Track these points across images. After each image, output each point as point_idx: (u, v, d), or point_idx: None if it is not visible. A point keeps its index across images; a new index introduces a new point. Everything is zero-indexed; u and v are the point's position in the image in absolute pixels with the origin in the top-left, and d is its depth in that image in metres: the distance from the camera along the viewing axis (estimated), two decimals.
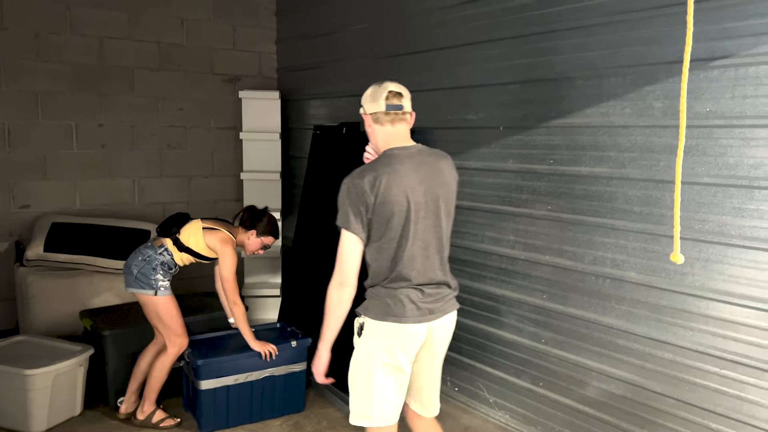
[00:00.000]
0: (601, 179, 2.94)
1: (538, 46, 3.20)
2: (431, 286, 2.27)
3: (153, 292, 3.25)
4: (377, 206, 2.16)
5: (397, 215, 2.18)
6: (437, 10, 3.81)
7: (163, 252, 3.31)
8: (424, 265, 2.24)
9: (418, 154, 2.28)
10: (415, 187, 2.20)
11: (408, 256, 2.20)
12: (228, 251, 3.31)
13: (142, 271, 3.25)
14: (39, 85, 4.60)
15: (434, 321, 2.28)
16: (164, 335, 3.34)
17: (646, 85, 2.74)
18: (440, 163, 2.32)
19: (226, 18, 5.37)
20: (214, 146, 5.44)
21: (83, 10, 4.72)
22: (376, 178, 2.16)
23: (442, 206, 2.28)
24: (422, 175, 2.23)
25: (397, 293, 2.21)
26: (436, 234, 2.27)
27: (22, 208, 4.62)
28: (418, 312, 2.23)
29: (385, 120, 2.29)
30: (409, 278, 2.22)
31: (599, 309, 2.99)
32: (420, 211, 2.21)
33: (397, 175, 2.18)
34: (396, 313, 2.20)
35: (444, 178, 2.30)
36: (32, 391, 3.24)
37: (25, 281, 4.15)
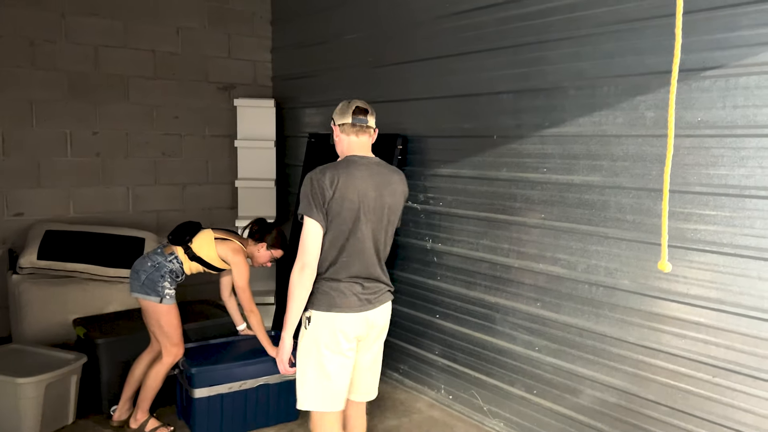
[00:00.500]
0: (594, 188, 2.96)
1: (531, 56, 3.23)
2: (370, 280, 2.52)
3: (158, 300, 3.24)
4: (334, 200, 2.41)
5: (349, 212, 2.43)
6: (431, 20, 3.84)
7: (173, 260, 3.31)
8: (366, 261, 2.49)
9: (375, 165, 2.55)
10: (367, 192, 2.46)
11: (353, 250, 2.46)
12: (241, 261, 3.33)
13: (150, 278, 3.24)
14: (33, 93, 4.60)
15: (372, 311, 2.52)
16: (161, 343, 3.33)
17: (638, 95, 2.76)
18: (392, 177, 2.58)
19: (221, 27, 5.39)
20: (208, 154, 5.44)
21: (79, 19, 4.73)
22: (335, 176, 2.43)
23: (387, 214, 2.53)
24: (375, 183, 2.49)
25: (341, 286, 2.46)
26: (378, 236, 2.52)
27: (16, 216, 4.61)
28: (359, 303, 2.48)
29: (350, 131, 2.56)
30: (351, 271, 2.47)
31: (592, 317, 3.00)
32: (368, 213, 2.46)
33: (353, 177, 2.44)
34: (340, 304, 2.45)
35: (393, 190, 2.56)
36: (24, 399, 3.22)
37: (18, 289, 4.13)
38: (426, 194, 3.89)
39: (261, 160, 5.23)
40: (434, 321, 3.91)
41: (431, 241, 3.89)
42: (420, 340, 4.02)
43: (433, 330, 3.92)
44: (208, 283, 5.46)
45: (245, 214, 5.18)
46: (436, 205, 3.84)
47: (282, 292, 4.83)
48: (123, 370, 3.53)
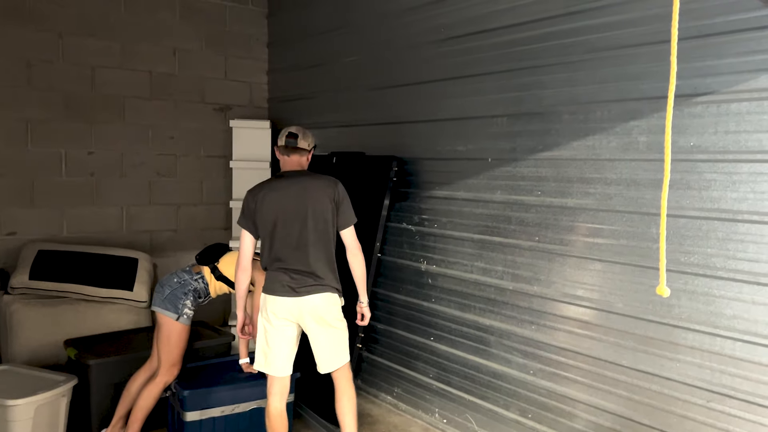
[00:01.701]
0: (588, 211, 2.98)
1: (526, 81, 3.27)
2: (297, 274, 2.96)
3: (176, 317, 3.27)
4: (257, 211, 3.01)
5: (270, 218, 2.98)
6: (427, 44, 3.89)
7: (199, 279, 3.37)
8: (293, 257, 2.97)
9: (298, 176, 3.08)
10: (287, 200, 2.99)
11: (278, 248, 2.99)
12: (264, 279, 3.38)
13: (173, 293, 3.28)
14: (29, 113, 4.61)
15: (299, 298, 2.96)
16: (161, 361, 3.31)
17: (631, 120, 2.79)
18: (316, 184, 3.05)
19: (218, 48, 5.43)
20: (203, 174, 5.45)
21: (76, 40, 4.75)
22: (260, 191, 3.04)
23: (311, 216, 2.98)
24: (296, 191, 3.01)
25: (275, 275, 2.99)
26: (302, 237, 2.97)
27: (9, 235, 4.58)
28: (284, 290, 2.96)
29: (283, 151, 3.15)
30: (283, 265, 2.98)
31: (587, 340, 3.00)
32: (288, 218, 2.97)
33: (274, 189, 3.03)
34: (271, 290, 2.99)
35: (317, 196, 3.02)
36: (14, 422, 3.17)
37: (9, 309, 4.10)
38: (421, 216, 3.90)
39: (256, 180, 5.17)
40: (428, 343, 3.89)
41: (426, 263, 3.89)
42: (414, 363, 4.00)
43: (428, 353, 3.90)
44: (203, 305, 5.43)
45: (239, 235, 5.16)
46: (431, 227, 3.85)
47: None
48: (114, 392, 3.49)
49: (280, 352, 3.02)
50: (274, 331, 3.01)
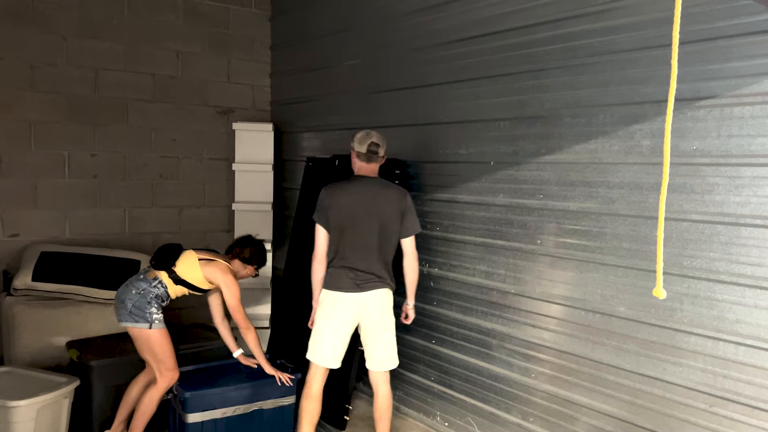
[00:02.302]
0: (591, 215, 2.98)
1: (528, 84, 3.27)
2: (360, 272, 3.14)
3: (148, 326, 3.23)
4: (329, 209, 3.16)
5: (340, 219, 3.15)
6: (429, 48, 3.89)
7: (158, 284, 3.29)
8: (357, 257, 3.15)
9: (372, 182, 3.24)
10: (358, 203, 3.16)
11: (346, 248, 3.16)
12: (231, 281, 3.36)
13: (136, 305, 3.22)
14: (33, 115, 4.62)
15: (362, 293, 3.15)
16: (156, 369, 3.30)
17: (634, 124, 2.79)
18: (387, 192, 3.23)
19: (221, 51, 5.44)
20: (206, 177, 5.45)
21: (80, 42, 4.77)
22: (335, 190, 3.20)
23: (377, 222, 3.16)
24: (367, 196, 3.18)
25: (339, 271, 3.16)
26: (368, 239, 3.15)
27: (11, 237, 4.59)
28: (348, 285, 3.14)
29: (363, 158, 3.25)
30: (348, 263, 3.14)
31: (589, 344, 2.99)
32: (357, 220, 3.14)
33: (348, 192, 3.20)
34: (336, 285, 3.16)
35: (386, 203, 3.20)
36: (15, 423, 3.17)
37: (12, 311, 4.10)
38: (423, 219, 3.90)
39: (258, 183, 5.25)
40: (430, 346, 3.89)
41: (428, 266, 3.89)
42: (416, 365, 3.99)
43: (429, 356, 3.90)
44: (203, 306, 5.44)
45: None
46: (433, 230, 3.85)
47: (277, 315, 4.81)
48: (116, 394, 3.50)
49: (331, 344, 3.19)
50: (331, 324, 3.18)
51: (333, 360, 3.21)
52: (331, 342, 3.19)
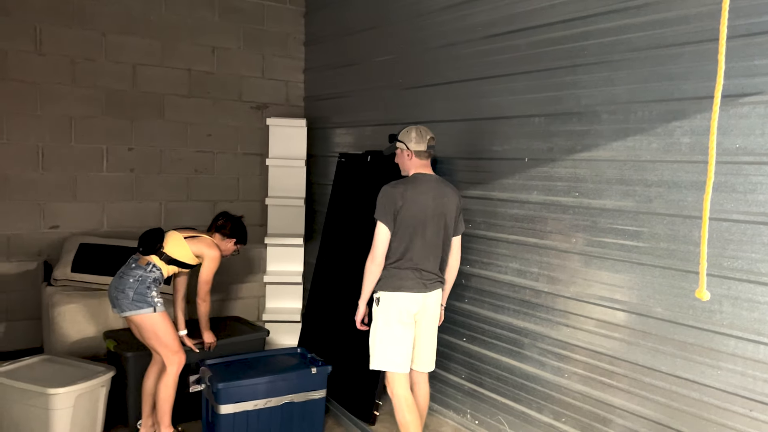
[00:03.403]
0: (627, 213, 2.93)
1: (564, 80, 3.22)
2: (426, 272, 3.10)
3: (152, 309, 3.29)
4: (402, 209, 3.03)
5: (413, 218, 3.04)
6: (462, 44, 3.86)
7: (153, 269, 3.37)
8: (424, 256, 3.09)
9: (433, 180, 3.18)
10: (427, 202, 3.08)
11: (415, 248, 3.07)
12: (215, 254, 3.52)
13: (137, 291, 3.28)
14: (73, 110, 4.73)
15: (427, 293, 3.12)
16: (162, 354, 3.34)
17: (673, 121, 2.73)
18: (447, 190, 3.19)
19: (255, 47, 5.49)
20: (240, 171, 5.51)
21: (119, 38, 4.86)
22: (405, 189, 3.07)
23: (443, 219, 3.13)
24: (433, 195, 3.11)
25: (404, 272, 3.07)
26: (435, 238, 3.12)
27: (52, 229, 4.71)
28: (417, 285, 3.08)
29: (423, 156, 3.19)
30: (415, 264, 3.07)
31: (624, 345, 2.94)
32: (427, 219, 3.07)
33: (417, 191, 3.09)
34: (403, 286, 3.07)
35: (449, 201, 3.16)
36: (55, 410, 3.26)
37: (52, 301, 4.21)
38: None
39: (291, 178, 5.29)
40: (461, 344, 3.87)
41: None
42: (446, 362, 3.98)
43: (460, 353, 3.89)
44: (238, 299, 5.52)
45: (274, 231, 5.22)
46: (465, 227, 3.82)
47: (309, 309, 4.84)
48: None
49: (408, 348, 3.11)
50: (403, 329, 3.08)
51: (408, 363, 3.14)
52: (407, 345, 3.11)
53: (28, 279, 4.62)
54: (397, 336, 3.08)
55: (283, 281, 5.13)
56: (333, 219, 4.77)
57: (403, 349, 3.09)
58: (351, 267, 4.37)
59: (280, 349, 4.05)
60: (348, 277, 4.38)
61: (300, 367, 3.59)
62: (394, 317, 3.07)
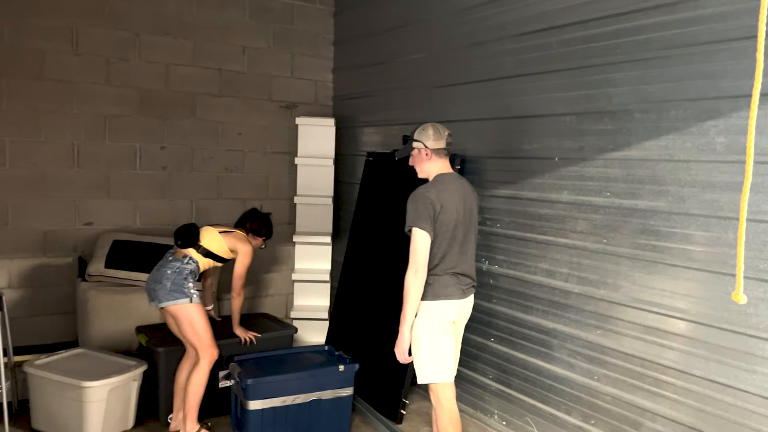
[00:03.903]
0: (660, 214, 2.88)
1: (595, 78, 3.18)
2: (462, 276, 3.01)
3: (188, 300, 3.36)
4: (440, 213, 2.89)
5: (450, 221, 2.92)
6: (492, 42, 3.84)
7: (189, 261, 3.46)
8: (461, 259, 2.99)
9: (457, 179, 3.08)
10: (458, 203, 2.97)
11: (452, 252, 2.95)
12: (249, 249, 3.66)
13: (175, 282, 3.37)
14: (107, 109, 4.82)
15: (464, 299, 3.05)
16: (196, 347, 3.40)
17: (708, 120, 2.68)
18: (469, 188, 3.11)
19: (285, 47, 5.53)
20: (269, 170, 5.56)
21: (152, 38, 4.94)
22: (439, 192, 2.93)
23: (471, 218, 3.06)
24: (461, 194, 3.02)
25: (443, 278, 2.93)
26: (468, 238, 3.04)
27: (86, 225, 4.81)
28: (457, 292, 2.97)
29: (442, 154, 3.06)
30: (453, 268, 2.95)
31: (656, 347, 2.90)
32: (461, 221, 2.98)
33: (449, 192, 2.97)
34: (444, 294, 2.93)
35: (472, 199, 3.10)
36: (89, 403, 3.34)
37: (86, 296, 4.30)
38: (483, 215, 3.86)
39: (319, 177, 5.32)
40: (488, 344, 3.85)
41: (487, 263, 3.85)
42: (473, 363, 3.97)
43: (488, 353, 3.87)
44: (267, 296, 5.58)
45: (303, 229, 5.26)
46: (493, 227, 3.81)
47: (337, 307, 4.87)
48: None
49: (452, 356, 3.01)
50: (445, 337, 2.96)
51: (454, 371, 3.05)
52: (451, 353, 3.00)
53: (63, 274, 4.73)
54: (441, 345, 2.94)
55: (311, 279, 5.17)
56: (361, 218, 4.79)
57: (449, 358, 2.98)
58: (379, 266, 4.38)
59: (308, 347, 4.08)
60: (376, 276, 4.40)
61: (327, 365, 3.61)
62: (436, 326, 2.93)
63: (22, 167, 4.55)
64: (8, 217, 4.53)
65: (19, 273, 4.59)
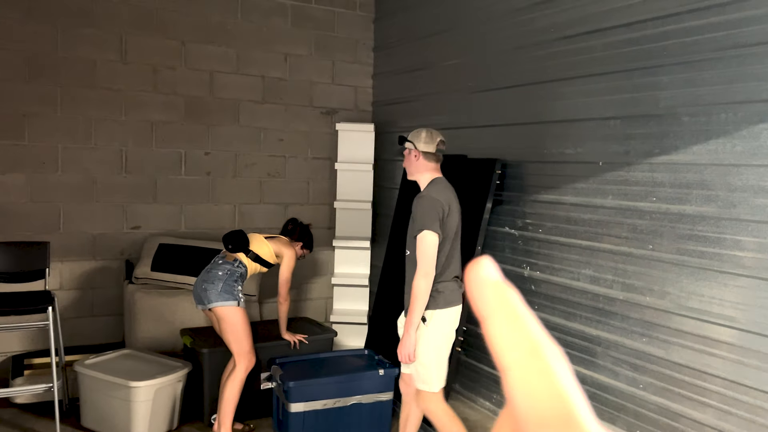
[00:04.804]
0: (709, 219, 2.81)
1: (641, 81, 3.13)
2: (461, 280, 3.01)
3: (236, 303, 3.42)
4: (447, 216, 2.93)
5: (454, 225, 2.97)
6: (534, 45, 3.82)
7: (239, 265, 3.54)
8: (459, 264, 3.02)
9: (448, 182, 3.09)
10: (457, 208, 3.02)
11: (455, 256, 3.00)
12: (293, 254, 3.70)
13: (226, 283, 3.43)
14: (154, 115, 4.95)
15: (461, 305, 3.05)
16: (234, 352, 3.43)
17: (760, 123, 2.61)
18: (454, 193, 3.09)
19: (326, 53, 5.59)
20: (310, 175, 5.62)
21: (197, 47, 5.05)
22: (445, 196, 2.97)
23: (460, 225, 3.05)
24: (457, 199, 3.06)
25: (450, 284, 2.96)
26: (459, 244, 3.04)
27: (133, 229, 4.94)
28: (461, 297, 3.01)
29: (432, 158, 3.06)
30: (456, 273, 2.99)
31: (705, 357, 2.82)
32: (459, 225, 3.03)
33: (452, 195, 3.02)
34: (453, 300, 2.97)
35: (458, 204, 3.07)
36: (136, 402, 3.42)
37: (133, 298, 4.41)
38: (524, 220, 3.83)
39: (359, 182, 5.35)
40: None
41: (529, 269, 3.81)
42: None
43: None
44: (307, 300, 5.63)
45: (342, 234, 5.29)
46: (535, 232, 3.77)
47: (376, 312, 4.88)
48: None
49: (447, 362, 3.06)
50: (448, 343, 3.02)
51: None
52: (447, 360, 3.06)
53: (111, 277, 4.86)
54: (446, 354, 3.01)
55: (351, 283, 5.20)
56: (399, 223, 4.79)
57: (445, 365, 3.04)
58: None
59: (349, 351, 4.11)
60: None
61: (368, 369, 3.63)
62: (448, 335, 2.99)
63: (73, 173, 4.70)
64: (60, 222, 4.69)
65: (70, 275, 4.74)
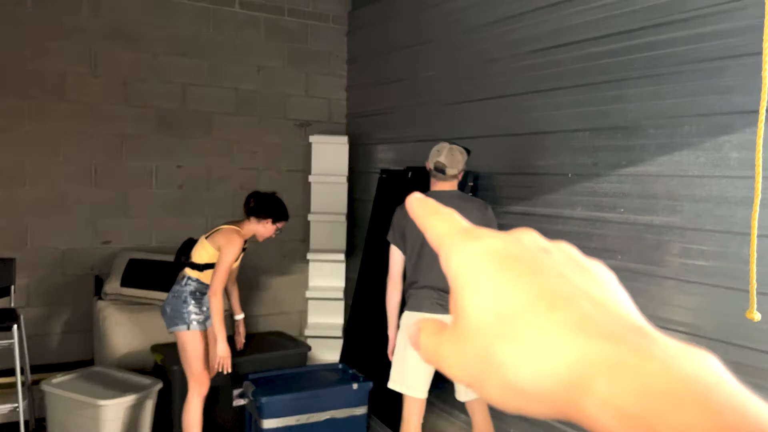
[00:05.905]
0: (675, 230, 2.86)
1: (609, 94, 3.18)
2: (444, 292, 2.94)
3: (186, 327, 3.24)
4: (407, 228, 3.03)
5: (417, 238, 2.98)
6: (505, 59, 3.86)
7: (188, 282, 3.33)
8: (436, 276, 2.95)
9: (449, 197, 3.03)
10: None
11: (424, 265, 3.01)
12: (230, 241, 3.28)
13: (174, 307, 3.28)
14: (125, 129, 4.90)
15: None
16: (187, 376, 3.30)
17: (722, 135, 2.66)
18: (464, 206, 3.04)
19: (299, 66, 5.59)
20: (283, 188, 5.58)
21: (169, 59, 5.02)
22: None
23: None
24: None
25: (421, 292, 3.04)
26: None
27: (104, 244, 4.87)
28: (432, 306, 2.99)
29: (432, 173, 3.12)
30: (424, 283, 3.01)
31: None
32: None
33: None
34: (419, 306, 3.02)
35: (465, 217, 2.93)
36: (105, 421, 3.35)
37: (102, 314, 4.34)
38: None
39: (333, 194, 5.34)
40: None
41: None
42: None
43: None
44: (281, 314, 5.58)
45: (317, 247, 5.27)
46: None
47: (350, 325, 4.86)
48: None
49: (422, 373, 3.01)
50: (408, 348, 2.97)
51: (421, 388, 3.04)
52: (416, 369, 3.00)
53: (80, 293, 4.78)
54: (408, 356, 2.98)
55: (325, 297, 5.17)
56: (374, 235, 4.79)
57: (418, 374, 2.99)
58: None
59: (322, 365, 4.08)
60: None
61: (341, 383, 3.61)
62: (405, 340, 3.05)
63: (41, 187, 4.63)
64: (27, 237, 4.60)
65: (36, 291, 4.65)
